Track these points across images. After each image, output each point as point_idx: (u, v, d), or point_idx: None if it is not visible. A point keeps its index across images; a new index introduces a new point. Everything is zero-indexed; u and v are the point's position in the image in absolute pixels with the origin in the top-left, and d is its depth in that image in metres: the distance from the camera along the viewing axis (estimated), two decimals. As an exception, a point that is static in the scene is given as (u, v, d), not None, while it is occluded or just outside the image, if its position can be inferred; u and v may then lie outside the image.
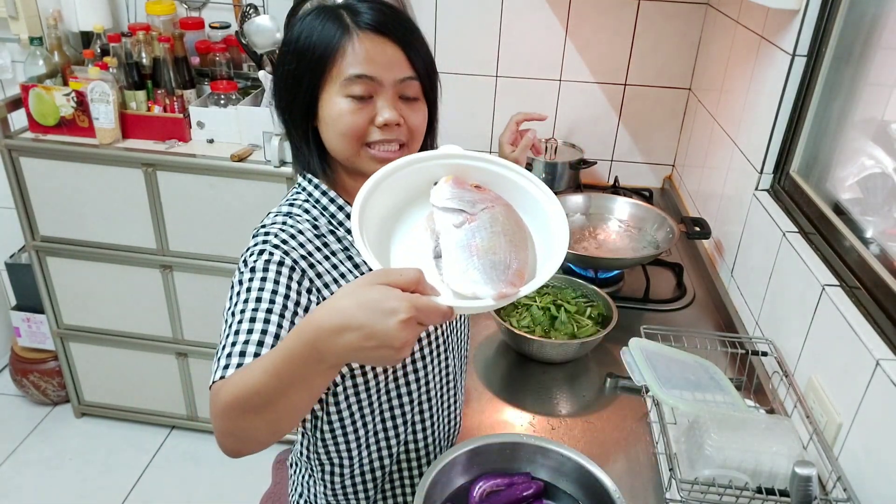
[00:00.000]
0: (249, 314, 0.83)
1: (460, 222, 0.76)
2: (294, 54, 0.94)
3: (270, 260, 0.88)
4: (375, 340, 0.64)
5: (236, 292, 0.87)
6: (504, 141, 1.37)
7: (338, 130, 0.94)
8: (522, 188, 0.84)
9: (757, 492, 1.00)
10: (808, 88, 1.38)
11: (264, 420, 0.74)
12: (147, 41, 2.05)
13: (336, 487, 1.12)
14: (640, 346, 1.25)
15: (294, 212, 0.98)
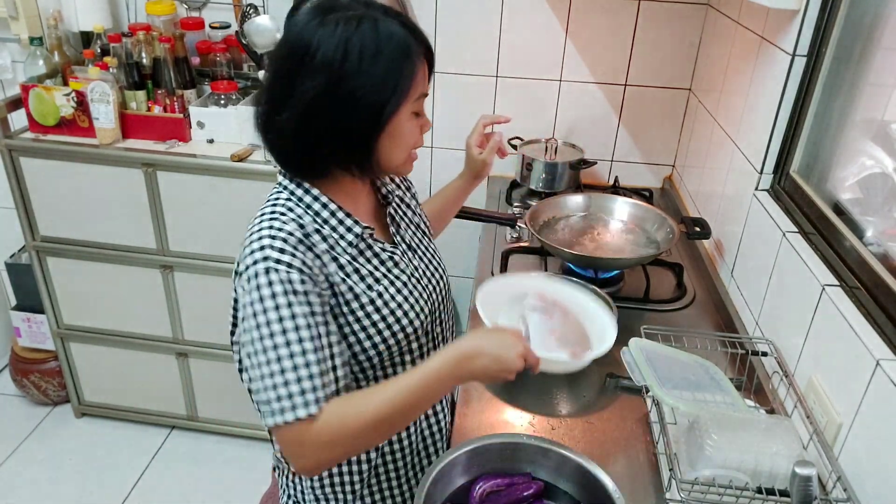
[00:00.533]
0: (297, 347, 0.89)
1: (546, 319, 1.15)
2: (367, 66, 0.91)
3: (285, 280, 0.90)
4: (500, 364, 0.94)
5: (269, 319, 0.89)
6: (472, 143, 1.39)
7: (405, 143, 1.00)
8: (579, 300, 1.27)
9: (757, 492, 1.00)
10: (808, 89, 1.38)
11: (385, 434, 0.99)
12: (147, 41, 2.05)
13: (324, 482, 1.12)
14: (640, 346, 1.25)
15: (278, 211, 0.98)
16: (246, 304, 0.91)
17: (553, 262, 1.77)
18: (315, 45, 0.90)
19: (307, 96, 0.91)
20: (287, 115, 0.93)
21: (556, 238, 1.75)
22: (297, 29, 0.93)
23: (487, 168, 1.39)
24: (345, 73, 0.90)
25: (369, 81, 0.91)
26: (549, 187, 2.09)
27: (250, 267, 0.91)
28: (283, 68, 0.94)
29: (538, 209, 1.79)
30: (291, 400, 0.88)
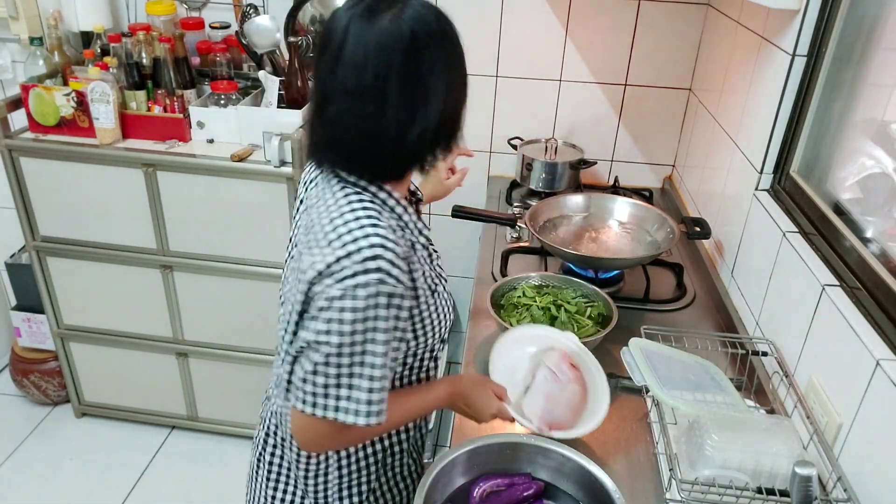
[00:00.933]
0: (382, 356, 0.93)
1: (552, 380, 1.18)
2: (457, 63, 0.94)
3: (390, 293, 0.90)
4: (476, 415, 1.13)
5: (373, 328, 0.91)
6: (442, 168, 1.48)
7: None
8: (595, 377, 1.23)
9: (757, 492, 1.00)
10: (808, 88, 1.38)
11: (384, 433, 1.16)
12: (147, 41, 2.05)
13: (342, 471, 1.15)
14: (641, 346, 1.25)
15: (373, 216, 0.93)
16: (345, 309, 0.89)
17: (553, 262, 1.77)
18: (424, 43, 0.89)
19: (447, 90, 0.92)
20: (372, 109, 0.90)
21: (556, 238, 1.75)
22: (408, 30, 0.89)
23: (446, 194, 1.50)
24: (458, 59, 0.94)
25: (462, 74, 0.96)
26: (549, 187, 2.09)
27: (361, 274, 0.88)
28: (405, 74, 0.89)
29: (538, 209, 1.79)
30: (370, 406, 0.93)
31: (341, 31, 0.89)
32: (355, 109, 0.90)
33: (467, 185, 2.35)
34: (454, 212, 1.77)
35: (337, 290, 0.89)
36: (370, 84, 0.89)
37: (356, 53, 0.88)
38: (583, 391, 1.19)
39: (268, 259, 2.07)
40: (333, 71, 0.90)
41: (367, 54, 0.88)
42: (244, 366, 2.28)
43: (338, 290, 0.89)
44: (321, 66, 0.93)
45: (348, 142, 0.94)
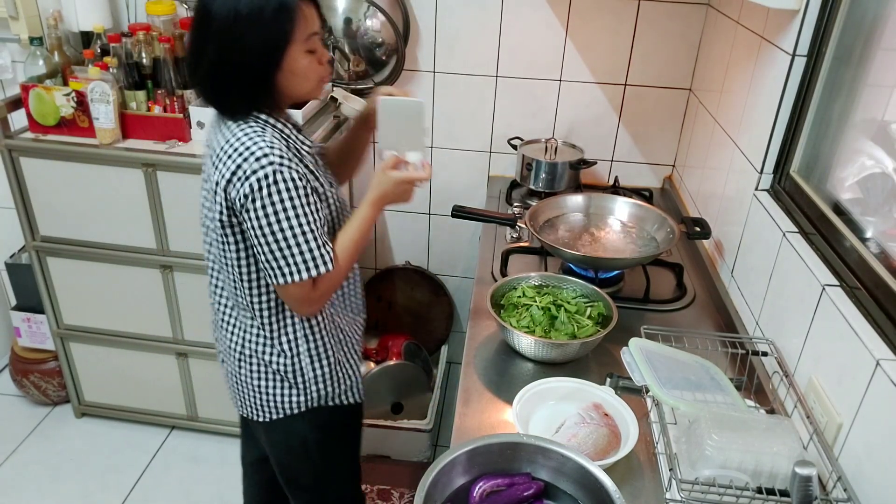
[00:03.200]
0: (308, 224, 1.19)
1: (582, 424, 1.19)
2: (251, 24, 1.14)
3: (290, 177, 1.16)
4: (392, 196, 1.30)
5: (286, 207, 1.17)
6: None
7: (306, 76, 1.22)
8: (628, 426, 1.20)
9: (757, 492, 1.00)
10: (808, 89, 1.38)
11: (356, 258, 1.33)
12: (147, 41, 2.05)
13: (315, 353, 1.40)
14: (640, 346, 1.25)
15: (257, 131, 1.19)
16: (258, 199, 1.15)
17: (553, 262, 1.77)
18: (213, 13, 1.14)
19: (213, 52, 1.17)
20: (203, 69, 1.20)
21: (556, 238, 1.75)
22: (201, 0, 1.16)
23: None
24: (236, 32, 1.14)
25: (255, 36, 1.15)
26: (549, 187, 2.09)
27: (258, 170, 1.15)
28: (193, 33, 1.20)
29: (538, 209, 1.79)
30: (315, 261, 1.20)
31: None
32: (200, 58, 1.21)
33: (467, 185, 2.37)
34: (454, 212, 1.77)
35: (246, 187, 1.15)
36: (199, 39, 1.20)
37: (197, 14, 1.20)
38: (613, 437, 1.18)
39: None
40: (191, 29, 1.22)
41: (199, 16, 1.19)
42: (244, 366, 2.28)
43: (247, 187, 1.15)
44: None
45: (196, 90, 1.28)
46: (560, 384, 1.29)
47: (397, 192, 1.30)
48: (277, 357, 1.36)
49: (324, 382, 1.40)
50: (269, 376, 1.38)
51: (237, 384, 1.43)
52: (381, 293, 2.60)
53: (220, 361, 1.49)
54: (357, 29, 2.14)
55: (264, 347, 1.36)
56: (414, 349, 2.44)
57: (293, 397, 1.40)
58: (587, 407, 1.22)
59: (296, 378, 1.38)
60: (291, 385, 1.39)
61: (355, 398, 1.49)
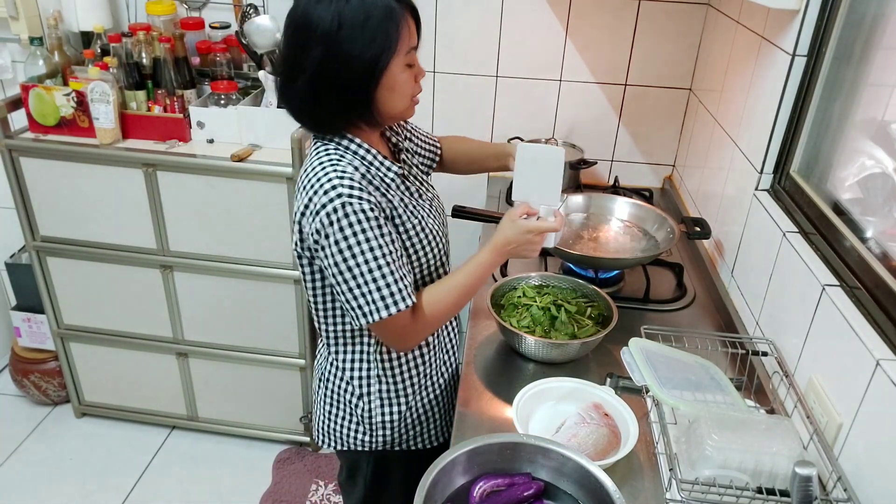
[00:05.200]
0: (382, 257, 1.12)
1: (582, 424, 1.18)
2: (356, 32, 1.08)
3: (360, 209, 1.10)
4: (518, 248, 1.23)
5: (359, 240, 1.10)
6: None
7: (402, 92, 1.16)
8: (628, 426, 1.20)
9: (757, 492, 1.00)
10: (808, 88, 1.38)
11: (460, 307, 1.26)
12: (147, 41, 2.05)
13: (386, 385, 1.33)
14: (640, 346, 1.25)
15: (333, 159, 1.15)
16: (330, 235, 1.10)
17: (553, 262, 1.77)
18: (315, 21, 1.08)
19: (313, 63, 1.09)
20: (300, 82, 1.12)
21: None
22: (300, 9, 1.10)
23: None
24: (340, 40, 1.07)
25: (360, 44, 1.08)
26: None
27: (327, 204, 1.09)
28: (291, 43, 1.13)
29: (538, 209, 1.79)
30: (393, 297, 1.13)
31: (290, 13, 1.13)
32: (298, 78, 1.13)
33: (467, 185, 2.37)
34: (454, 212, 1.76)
35: (317, 223, 1.10)
36: (280, 56, 1.17)
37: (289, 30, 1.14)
38: (613, 437, 1.18)
39: (268, 259, 2.07)
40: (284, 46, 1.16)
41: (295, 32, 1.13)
42: (244, 366, 2.28)
43: (318, 223, 1.10)
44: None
45: (286, 107, 1.19)
46: (560, 384, 1.29)
47: (521, 242, 1.21)
48: (347, 392, 1.33)
49: (393, 428, 1.35)
50: (341, 407, 1.35)
51: (315, 409, 1.41)
52: (381, 293, 2.60)
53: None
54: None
55: (337, 379, 1.33)
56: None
57: (360, 435, 1.35)
58: (587, 407, 1.22)
59: (362, 417, 1.33)
60: (360, 422, 1.34)
61: (428, 443, 1.42)
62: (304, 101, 1.15)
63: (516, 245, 1.22)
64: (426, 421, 1.40)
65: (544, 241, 1.24)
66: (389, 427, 1.35)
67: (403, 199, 1.22)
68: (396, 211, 1.19)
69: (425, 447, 1.42)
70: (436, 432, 1.43)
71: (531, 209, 1.24)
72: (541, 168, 1.23)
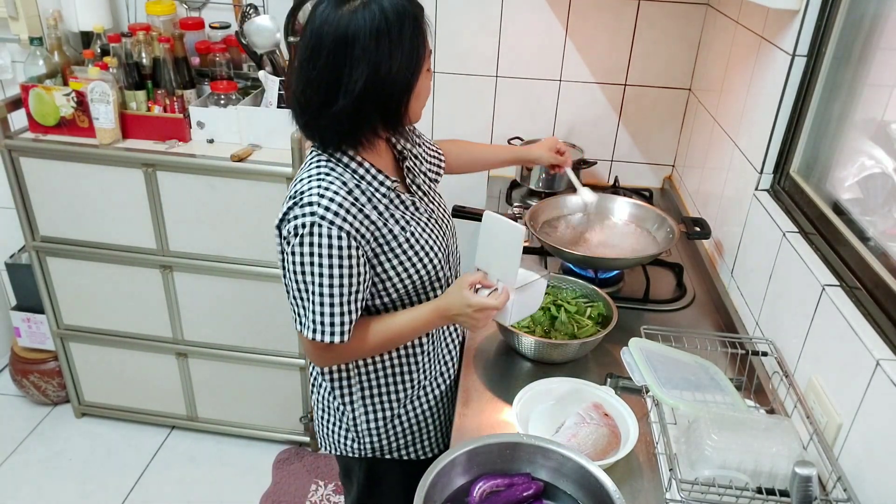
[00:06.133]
0: (329, 287, 1.11)
1: (582, 424, 1.18)
2: (397, 42, 1.06)
3: (329, 235, 1.08)
4: (463, 319, 1.18)
5: (315, 263, 1.09)
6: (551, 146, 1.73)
7: (424, 97, 1.17)
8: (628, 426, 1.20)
9: (757, 492, 1.00)
10: (808, 88, 1.38)
11: (382, 351, 1.27)
12: (147, 41, 2.05)
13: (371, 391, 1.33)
14: (640, 346, 1.25)
15: (322, 172, 1.13)
16: (293, 246, 1.09)
17: (553, 262, 1.77)
18: (351, 38, 1.04)
19: (358, 84, 1.05)
20: (343, 103, 1.07)
21: (556, 238, 1.74)
22: (331, 26, 1.05)
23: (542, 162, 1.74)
24: (381, 56, 1.05)
25: (400, 58, 1.07)
26: (549, 187, 2.09)
27: (299, 218, 1.08)
28: (327, 64, 1.06)
29: (538, 209, 1.79)
30: (324, 327, 1.13)
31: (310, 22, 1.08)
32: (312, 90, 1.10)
33: (467, 185, 2.37)
34: (454, 212, 1.77)
35: (289, 229, 1.10)
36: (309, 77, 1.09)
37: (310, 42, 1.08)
38: (613, 437, 1.18)
39: (268, 259, 2.07)
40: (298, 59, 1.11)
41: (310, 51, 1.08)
42: (244, 366, 2.28)
43: (288, 229, 1.10)
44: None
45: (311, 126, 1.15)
46: (560, 384, 1.29)
47: (463, 314, 1.17)
48: (334, 398, 1.34)
49: (380, 436, 1.35)
50: (330, 412, 1.37)
51: (313, 407, 1.42)
52: (381, 293, 2.60)
53: None
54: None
55: (325, 384, 1.34)
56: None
57: (349, 441, 1.37)
58: (587, 407, 1.22)
59: (349, 424, 1.35)
60: (348, 428, 1.36)
61: (422, 454, 1.41)
62: (344, 123, 1.10)
63: (456, 314, 1.18)
64: (419, 431, 1.38)
65: (496, 316, 1.19)
66: (377, 434, 1.35)
67: (395, 213, 1.19)
68: (388, 225, 1.16)
69: (418, 458, 1.41)
70: (430, 443, 1.41)
71: (486, 281, 1.18)
72: (501, 241, 1.17)
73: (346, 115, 1.08)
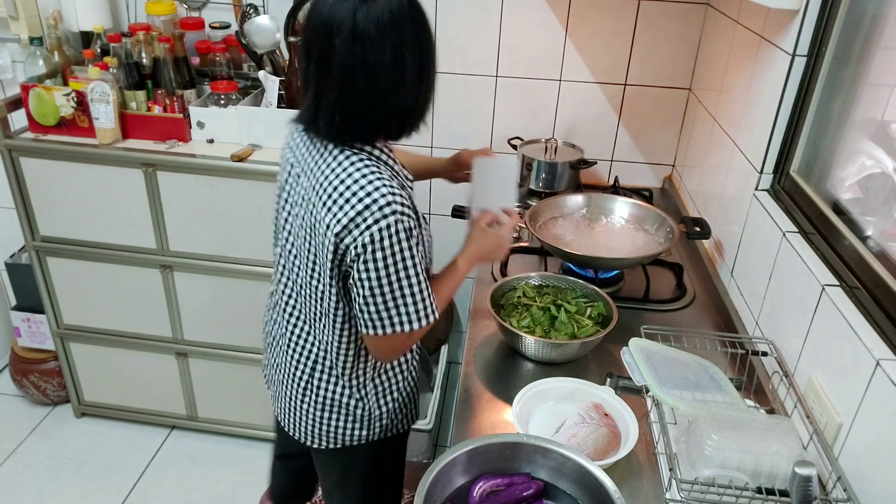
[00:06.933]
0: (418, 275, 1.14)
1: (582, 424, 1.19)
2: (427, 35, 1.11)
3: (408, 227, 1.11)
4: (488, 253, 1.34)
5: (404, 256, 1.12)
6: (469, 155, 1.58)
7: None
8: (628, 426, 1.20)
9: (757, 492, 1.00)
10: (808, 88, 1.38)
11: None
12: (147, 41, 2.05)
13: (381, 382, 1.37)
14: (640, 346, 1.25)
15: (374, 170, 1.12)
16: (379, 249, 1.09)
17: (553, 262, 1.77)
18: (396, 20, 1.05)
19: (414, 65, 1.09)
20: (406, 90, 1.10)
21: (556, 238, 1.75)
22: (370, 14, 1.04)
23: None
24: (423, 36, 1.09)
25: (431, 40, 1.12)
26: (549, 187, 2.09)
27: (380, 220, 1.08)
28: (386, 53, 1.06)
29: (538, 209, 1.79)
30: (425, 311, 1.16)
31: (349, 16, 1.03)
32: (381, 83, 1.07)
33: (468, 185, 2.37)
34: (454, 212, 1.77)
35: (367, 237, 1.08)
36: (391, 59, 1.06)
37: (371, 33, 1.04)
38: (613, 437, 1.18)
39: (268, 259, 2.07)
40: (352, 52, 1.04)
41: (382, 33, 1.04)
42: (244, 366, 2.28)
43: (367, 237, 1.08)
44: (333, 50, 1.05)
45: (373, 114, 1.11)
46: (560, 384, 1.29)
47: (493, 248, 1.33)
48: (344, 396, 1.33)
49: (389, 418, 1.39)
50: (336, 410, 1.35)
51: (295, 411, 1.38)
52: (381, 293, 2.60)
53: (268, 381, 1.46)
54: (357, 29, 2.13)
55: (334, 386, 1.32)
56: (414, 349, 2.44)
57: (356, 431, 1.37)
58: (587, 407, 1.22)
59: (361, 415, 1.35)
60: (356, 420, 1.36)
61: (410, 422, 1.46)
62: (408, 113, 1.14)
63: (489, 251, 1.33)
64: (410, 402, 1.44)
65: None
66: (386, 417, 1.38)
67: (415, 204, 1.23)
68: (417, 212, 1.20)
69: (409, 427, 1.47)
70: (415, 409, 1.48)
71: (495, 216, 1.33)
72: (498, 177, 1.35)
73: (410, 105, 1.13)
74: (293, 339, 1.32)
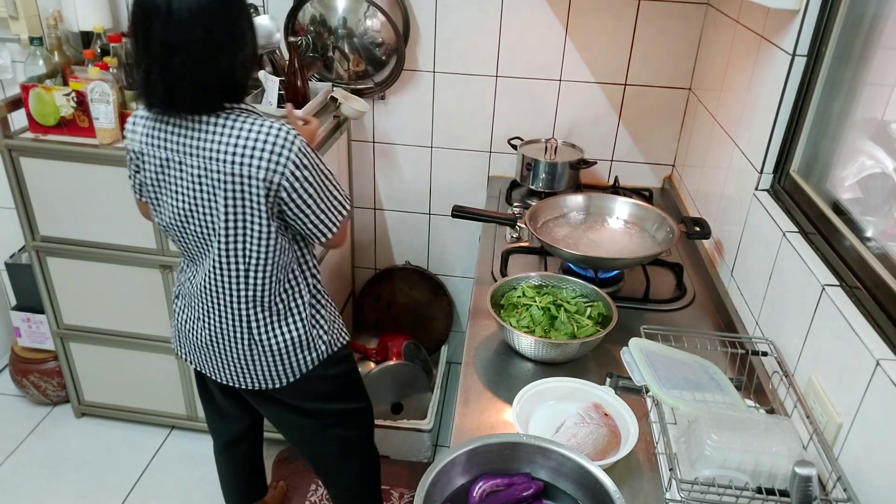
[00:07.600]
0: (329, 170, 1.39)
1: (581, 424, 1.19)
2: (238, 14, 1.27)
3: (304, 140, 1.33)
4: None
5: (318, 163, 1.35)
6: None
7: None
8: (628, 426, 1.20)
9: (757, 492, 1.00)
10: (808, 88, 1.38)
11: None
12: (147, 41, 2.05)
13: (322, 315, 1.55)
14: (640, 346, 1.25)
15: (262, 116, 1.32)
16: (307, 165, 1.31)
17: (553, 262, 1.77)
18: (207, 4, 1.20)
19: (249, 34, 1.30)
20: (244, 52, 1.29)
21: (556, 238, 1.75)
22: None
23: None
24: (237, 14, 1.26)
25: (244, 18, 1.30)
26: (549, 187, 2.09)
27: (295, 142, 1.29)
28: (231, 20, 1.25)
29: (538, 209, 1.79)
30: (345, 195, 1.43)
31: (165, 2, 1.19)
32: (194, 58, 1.22)
33: (467, 184, 2.37)
34: (454, 212, 1.77)
35: (290, 166, 1.28)
36: (201, 37, 1.21)
37: (183, 16, 1.19)
38: (613, 437, 1.18)
39: (268, 259, 2.07)
40: (168, 31, 1.20)
41: (193, 16, 1.19)
42: (244, 366, 2.28)
43: (291, 165, 1.28)
44: (153, 30, 1.21)
45: (199, 82, 1.25)
46: (560, 384, 1.29)
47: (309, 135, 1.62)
48: (307, 327, 1.49)
49: (329, 335, 1.55)
50: (304, 345, 1.49)
51: (249, 362, 1.49)
52: (380, 293, 2.60)
53: (199, 356, 1.56)
54: (357, 29, 2.14)
55: (292, 329, 1.48)
56: (414, 349, 2.44)
57: (309, 355, 1.51)
58: (587, 407, 1.22)
59: (321, 332, 1.52)
60: (304, 348, 1.50)
61: (346, 335, 1.63)
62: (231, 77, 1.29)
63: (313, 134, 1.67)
64: (336, 318, 1.60)
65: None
66: (326, 334, 1.54)
67: None
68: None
69: (346, 342, 1.62)
70: (342, 326, 1.63)
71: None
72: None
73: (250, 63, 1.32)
74: (238, 303, 1.43)
